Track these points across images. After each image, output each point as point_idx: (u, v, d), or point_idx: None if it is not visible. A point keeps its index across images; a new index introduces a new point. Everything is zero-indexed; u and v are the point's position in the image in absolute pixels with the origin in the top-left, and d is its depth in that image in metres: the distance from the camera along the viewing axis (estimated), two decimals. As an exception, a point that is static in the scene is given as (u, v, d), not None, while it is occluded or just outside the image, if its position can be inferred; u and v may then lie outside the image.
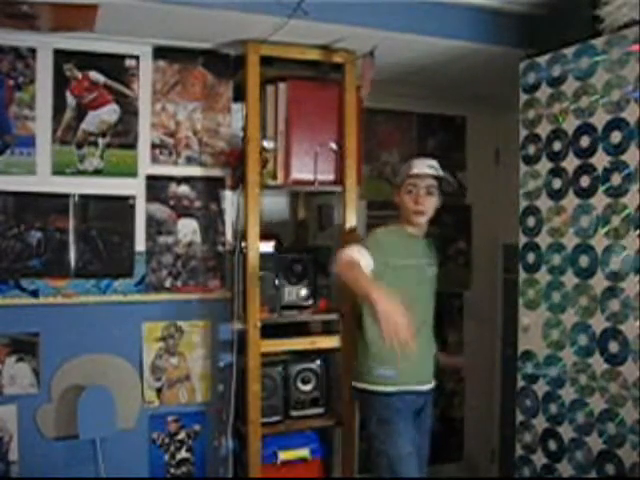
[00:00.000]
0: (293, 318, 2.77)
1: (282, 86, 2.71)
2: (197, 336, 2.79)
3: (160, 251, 2.73)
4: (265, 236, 2.70)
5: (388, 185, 3.27)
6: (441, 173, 2.50)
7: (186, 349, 2.77)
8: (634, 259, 2.13)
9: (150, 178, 2.71)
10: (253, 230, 2.62)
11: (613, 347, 2.21)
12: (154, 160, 2.72)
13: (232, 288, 2.75)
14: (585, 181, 2.32)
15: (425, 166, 2.49)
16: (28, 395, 2.53)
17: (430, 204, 2.48)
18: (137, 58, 2.68)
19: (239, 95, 2.76)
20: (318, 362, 2.84)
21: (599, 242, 2.26)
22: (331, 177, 2.77)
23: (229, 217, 2.82)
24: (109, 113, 2.65)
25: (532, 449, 2.52)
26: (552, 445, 2.44)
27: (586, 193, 2.32)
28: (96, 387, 2.59)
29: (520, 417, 2.58)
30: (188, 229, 2.77)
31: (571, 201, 2.38)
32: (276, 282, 2.76)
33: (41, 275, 2.55)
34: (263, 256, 2.66)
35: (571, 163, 2.38)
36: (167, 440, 2.75)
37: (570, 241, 2.38)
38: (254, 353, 2.61)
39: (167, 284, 2.74)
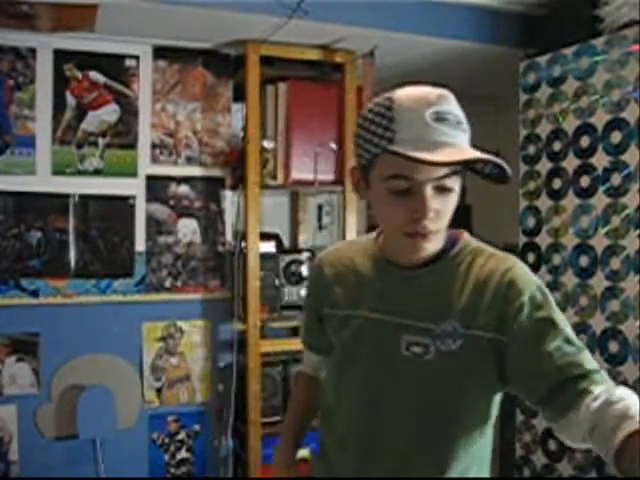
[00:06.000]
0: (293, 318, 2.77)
1: (282, 86, 2.71)
2: (197, 336, 2.78)
3: (160, 251, 2.73)
4: (265, 236, 2.70)
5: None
6: (475, 154, 1.15)
7: (186, 349, 2.77)
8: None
9: (150, 178, 2.71)
10: (253, 230, 2.62)
11: (613, 347, 2.21)
12: (154, 160, 2.72)
13: (232, 288, 2.75)
14: (585, 181, 2.32)
15: (437, 133, 1.12)
16: (28, 395, 2.53)
17: (445, 209, 1.15)
18: (137, 58, 2.68)
19: (239, 95, 2.76)
20: (318, 362, 2.83)
21: (599, 242, 2.26)
22: (331, 177, 2.77)
23: (229, 217, 2.81)
24: (109, 113, 2.65)
25: (532, 449, 2.52)
26: (552, 445, 2.44)
27: (586, 193, 2.32)
28: (96, 387, 2.58)
29: (520, 417, 2.58)
30: (188, 229, 2.77)
31: (571, 201, 2.38)
32: (276, 282, 2.76)
33: (41, 275, 2.55)
34: (263, 256, 2.66)
35: (571, 163, 2.38)
36: (167, 440, 2.75)
37: (570, 241, 2.38)
38: (254, 353, 2.61)
39: (167, 284, 2.74)
